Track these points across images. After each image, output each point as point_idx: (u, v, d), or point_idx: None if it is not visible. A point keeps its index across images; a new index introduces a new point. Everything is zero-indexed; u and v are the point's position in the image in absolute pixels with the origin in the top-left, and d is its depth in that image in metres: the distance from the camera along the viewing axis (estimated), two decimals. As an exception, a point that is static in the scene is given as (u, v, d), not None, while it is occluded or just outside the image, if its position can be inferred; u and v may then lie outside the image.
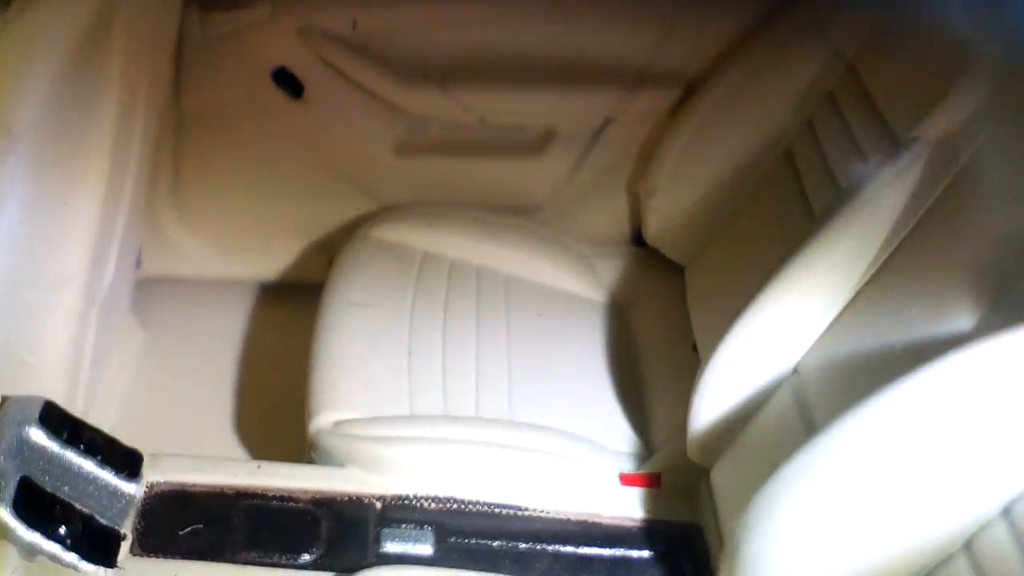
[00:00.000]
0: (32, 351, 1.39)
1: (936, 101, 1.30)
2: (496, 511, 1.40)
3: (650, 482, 1.46)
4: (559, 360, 1.64)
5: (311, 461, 1.45)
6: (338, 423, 1.44)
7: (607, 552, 1.38)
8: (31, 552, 1.24)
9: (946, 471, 1.05)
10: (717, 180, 1.69)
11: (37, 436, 1.29)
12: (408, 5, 1.78)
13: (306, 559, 1.31)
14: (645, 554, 1.39)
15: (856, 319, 1.28)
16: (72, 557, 1.25)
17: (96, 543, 1.28)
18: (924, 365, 1.06)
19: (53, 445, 1.30)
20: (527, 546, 1.37)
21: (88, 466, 1.32)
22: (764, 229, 1.60)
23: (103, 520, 1.30)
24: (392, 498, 1.39)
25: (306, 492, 1.38)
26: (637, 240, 1.89)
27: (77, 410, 1.42)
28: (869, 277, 1.28)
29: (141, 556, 1.30)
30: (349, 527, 1.35)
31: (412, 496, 1.39)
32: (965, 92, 1.28)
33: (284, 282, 1.98)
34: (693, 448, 1.40)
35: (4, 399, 1.32)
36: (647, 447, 1.52)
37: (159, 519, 1.33)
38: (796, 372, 1.33)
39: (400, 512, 1.38)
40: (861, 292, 1.29)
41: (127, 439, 1.39)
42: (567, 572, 1.34)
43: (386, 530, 1.35)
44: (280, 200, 1.92)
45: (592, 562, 1.37)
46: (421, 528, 1.36)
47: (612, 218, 1.90)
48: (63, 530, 1.26)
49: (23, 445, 1.28)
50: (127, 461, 1.37)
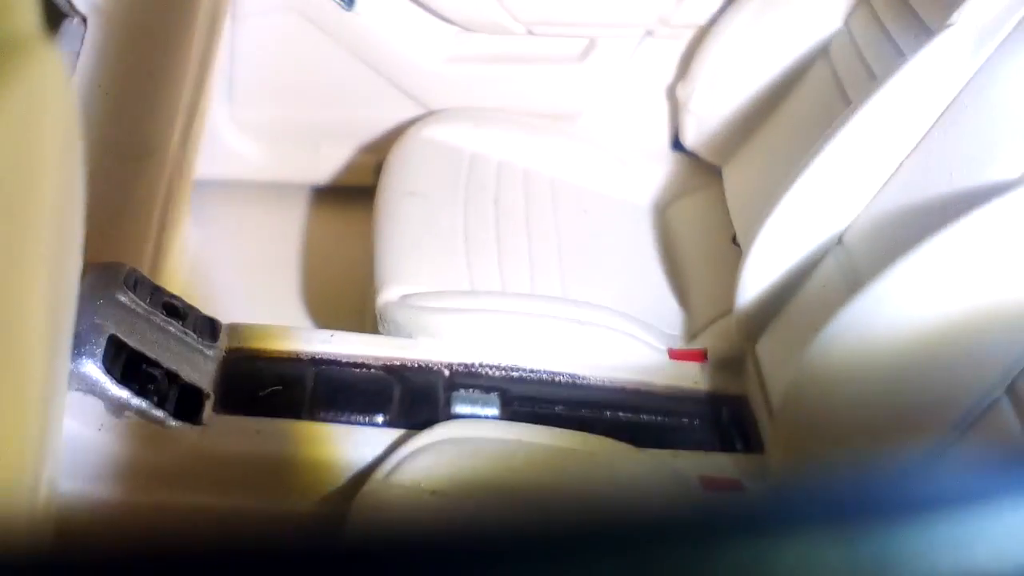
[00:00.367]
0: (110, 219, 1.44)
1: None
2: (555, 379, 1.48)
3: (697, 356, 1.54)
4: (605, 251, 1.72)
5: (377, 334, 1.52)
6: (405, 296, 1.51)
7: (660, 419, 1.46)
8: (119, 408, 1.29)
9: (989, 313, 1.11)
10: (754, 83, 1.76)
11: (123, 298, 1.34)
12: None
13: (381, 419, 1.38)
14: (695, 421, 1.47)
15: (901, 187, 1.34)
16: (160, 413, 1.30)
17: (182, 400, 1.33)
18: (965, 212, 1.13)
19: (138, 307, 1.36)
20: (586, 411, 1.45)
21: (172, 328, 1.37)
22: (802, 125, 1.67)
23: (188, 379, 1.36)
24: (459, 366, 1.46)
25: (377, 359, 1.45)
26: (674, 145, 1.96)
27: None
28: (911, 149, 1.36)
29: (224, 414, 1.36)
30: (420, 392, 1.42)
31: (477, 364, 1.46)
32: None
33: (334, 185, 2.04)
34: (739, 323, 1.48)
35: (88, 265, 1.37)
36: (691, 329, 1.60)
37: (238, 381, 1.39)
38: (841, 243, 1.40)
39: (467, 379, 1.45)
40: (904, 162, 1.35)
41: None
42: (624, 434, 1.41)
43: (455, 394, 1.42)
44: (330, 106, 1.97)
45: (646, 427, 1.45)
46: (487, 393, 1.44)
47: (650, 124, 1.97)
48: (151, 387, 1.31)
49: (110, 305, 1.33)
50: (206, 326, 1.43)
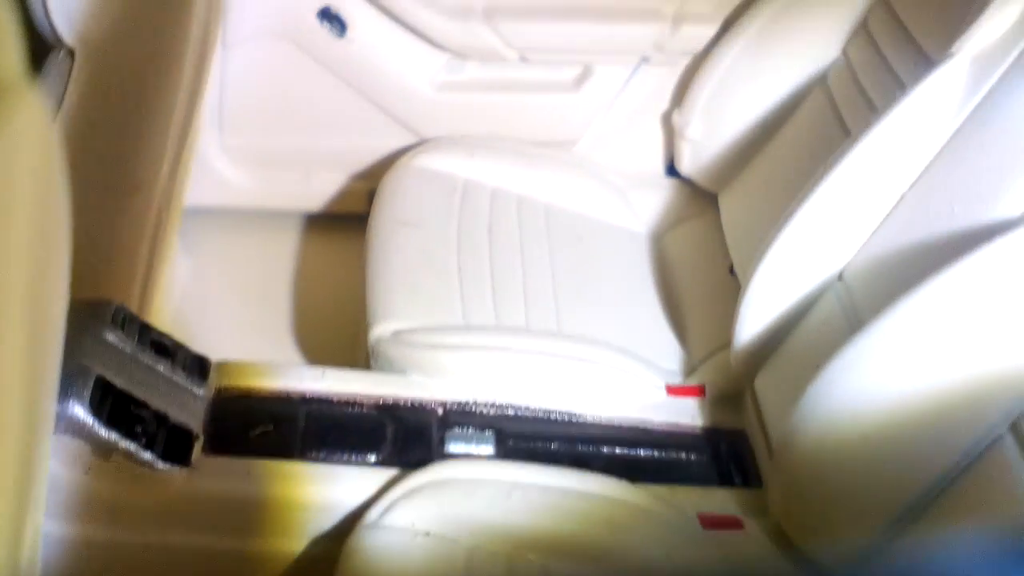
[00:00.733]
0: (98, 254, 1.42)
1: (971, 21, 1.35)
2: (551, 416, 1.45)
3: (695, 392, 1.52)
4: (600, 281, 1.70)
5: (370, 369, 1.50)
6: (397, 332, 1.49)
7: (657, 455, 1.44)
8: (107, 450, 1.27)
9: (992, 353, 1.10)
10: (751, 111, 1.75)
11: (111, 337, 1.32)
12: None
13: (373, 459, 1.35)
14: (693, 457, 1.45)
15: (901, 222, 1.33)
16: (148, 455, 1.28)
17: (171, 442, 1.30)
18: (969, 251, 1.12)
19: (126, 346, 1.33)
20: (583, 448, 1.42)
21: (160, 367, 1.35)
22: (800, 153, 1.66)
23: (176, 420, 1.33)
24: (452, 404, 1.43)
25: (369, 397, 1.42)
26: (670, 171, 1.95)
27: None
28: (912, 182, 1.34)
29: (213, 455, 1.33)
30: (413, 431, 1.39)
31: (472, 402, 1.44)
32: (1000, 10, 1.34)
33: (325, 213, 2.02)
34: (737, 358, 1.46)
35: (74, 303, 1.35)
36: (689, 362, 1.58)
37: (228, 421, 1.37)
38: (841, 278, 1.38)
39: (461, 417, 1.43)
40: (905, 197, 1.34)
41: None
42: (621, 470, 1.39)
43: (449, 432, 1.40)
44: (321, 134, 1.95)
45: (643, 464, 1.43)
46: (482, 431, 1.41)
47: (646, 151, 1.95)
48: (138, 428, 1.28)
49: (98, 345, 1.30)
50: (195, 365, 1.40)
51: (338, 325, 1.79)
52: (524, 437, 1.42)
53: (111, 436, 1.25)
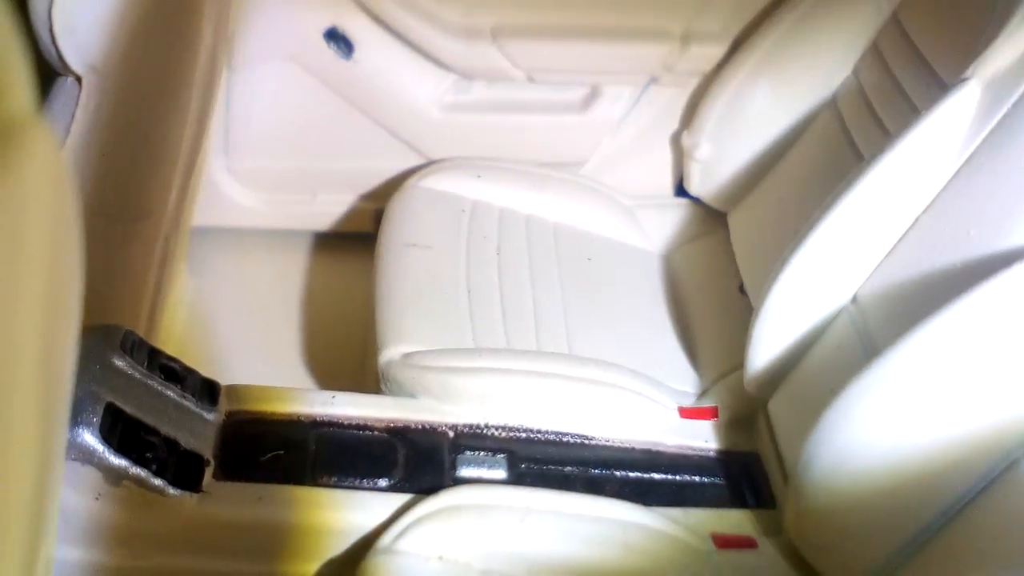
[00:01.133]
0: (107, 281, 1.41)
1: (985, 44, 1.35)
2: (564, 440, 1.44)
3: (708, 415, 1.51)
4: (611, 301, 1.70)
5: (381, 392, 1.49)
6: (407, 355, 1.48)
7: (671, 478, 1.43)
8: (117, 477, 1.26)
9: (1009, 379, 1.09)
10: (761, 132, 1.74)
11: (120, 363, 1.31)
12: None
13: (385, 483, 1.34)
14: (706, 479, 1.44)
15: (915, 245, 1.32)
16: (159, 481, 1.27)
17: (181, 468, 1.30)
18: (988, 278, 1.11)
19: (135, 372, 1.33)
20: (596, 471, 1.41)
21: (170, 393, 1.34)
22: (810, 174, 1.65)
23: (187, 445, 1.33)
24: (464, 427, 1.43)
25: (380, 421, 1.41)
26: (679, 191, 1.94)
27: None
28: (926, 206, 1.33)
29: (224, 481, 1.32)
30: (425, 454, 1.38)
31: (483, 425, 1.43)
32: (1015, 33, 1.33)
33: (331, 232, 2.01)
34: (750, 381, 1.45)
35: (83, 328, 1.34)
36: (701, 384, 1.58)
37: (239, 446, 1.36)
38: (855, 301, 1.38)
39: (472, 440, 1.42)
40: (919, 220, 1.33)
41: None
42: (635, 494, 1.39)
43: (460, 456, 1.39)
44: (328, 155, 1.95)
45: (657, 486, 1.42)
46: (494, 455, 1.40)
47: (655, 172, 1.95)
48: (149, 455, 1.28)
49: (107, 372, 1.30)
50: (205, 389, 1.39)
51: (347, 345, 1.78)
52: (536, 460, 1.41)
53: (122, 463, 1.25)
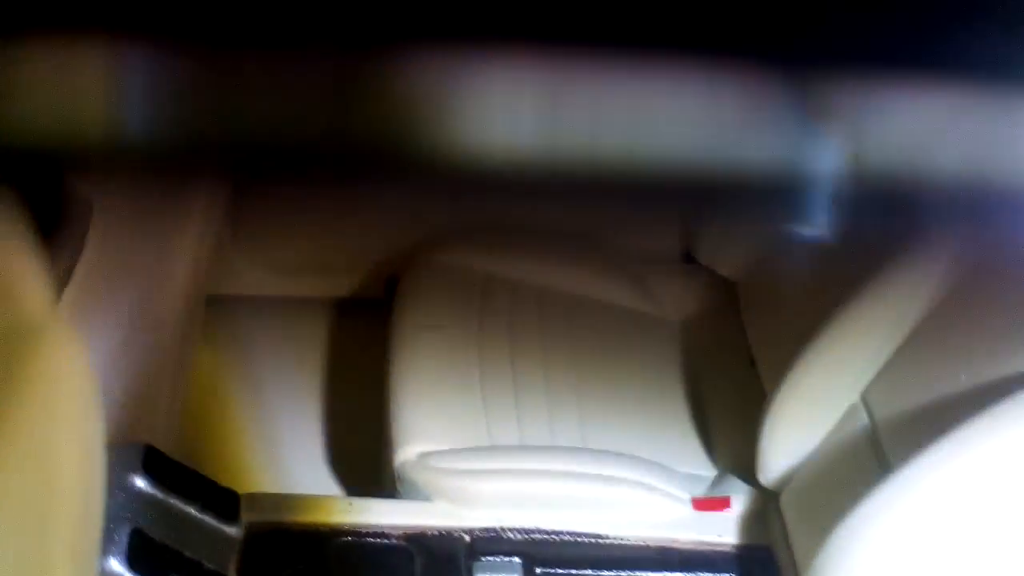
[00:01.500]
0: (128, 394, 1.43)
1: None
2: (578, 540, 1.46)
3: (721, 505, 1.53)
4: (623, 378, 1.70)
5: (396, 491, 1.51)
6: (423, 455, 1.49)
7: (685, 575, 1.46)
8: (147, 608, 1.29)
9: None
10: None
11: (143, 484, 1.33)
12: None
13: (404, 597, 1.37)
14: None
15: (919, 352, 1.34)
16: (187, 608, 1.30)
17: (205, 588, 1.33)
18: (992, 403, 1.12)
19: (158, 493, 1.34)
20: (611, 573, 1.44)
21: (192, 512, 1.37)
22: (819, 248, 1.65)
23: (210, 566, 1.35)
24: (480, 531, 1.45)
25: (396, 528, 1.44)
26: (687, 257, 1.94)
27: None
28: (930, 312, 1.34)
29: (248, 600, 1.36)
30: (442, 562, 1.41)
31: (499, 528, 1.45)
32: None
33: (342, 299, 2.02)
34: (762, 474, 1.47)
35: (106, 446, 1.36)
36: (714, 466, 1.59)
37: (260, 559, 1.39)
38: (863, 401, 1.39)
39: (488, 544, 1.44)
40: (922, 326, 1.34)
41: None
42: (650, 597, 1.41)
43: (477, 563, 1.42)
44: (335, 224, 1.95)
45: (672, 586, 1.45)
46: (509, 560, 1.43)
47: (663, 238, 1.94)
48: (173, 577, 1.31)
49: (131, 494, 1.32)
50: (225, 502, 1.41)
51: (363, 419, 1.78)
52: (551, 563, 1.44)
53: (149, 590, 1.28)
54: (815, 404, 1.42)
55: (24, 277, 0.78)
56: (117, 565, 1.25)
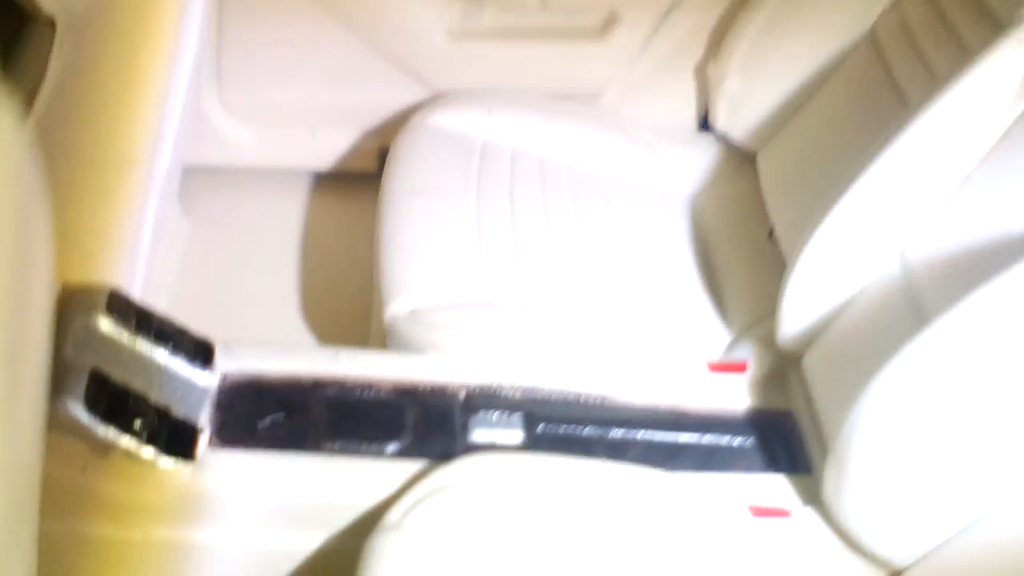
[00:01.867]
0: (92, 235, 1.31)
1: None
2: (584, 399, 1.35)
3: (737, 368, 1.41)
4: (631, 249, 1.59)
5: (386, 348, 1.40)
6: (415, 310, 1.39)
7: (699, 439, 1.34)
8: (104, 448, 1.17)
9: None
10: (794, 66, 1.62)
11: (105, 325, 1.21)
12: None
13: (393, 448, 1.25)
14: (737, 441, 1.35)
15: (971, 200, 1.22)
16: (149, 451, 1.17)
17: (173, 436, 1.20)
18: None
19: (122, 334, 1.23)
20: (618, 433, 1.32)
21: (159, 356, 1.24)
22: (847, 113, 1.54)
23: (179, 412, 1.23)
24: (476, 387, 1.33)
25: (387, 380, 1.31)
26: (703, 126, 1.82)
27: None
28: (982, 156, 1.22)
29: (220, 448, 1.23)
30: (435, 416, 1.29)
31: (496, 384, 1.34)
32: None
33: (332, 172, 1.90)
34: (783, 335, 1.36)
35: (65, 286, 1.24)
36: (729, 334, 1.48)
37: (236, 410, 1.27)
38: (902, 256, 1.27)
39: (485, 400, 1.32)
40: (974, 173, 1.23)
41: (183, 329, 1.32)
42: (660, 458, 1.29)
43: (473, 418, 1.30)
44: (327, 88, 1.83)
45: (684, 449, 1.32)
46: (509, 416, 1.31)
47: (677, 104, 1.83)
48: (138, 424, 1.18)
49: (91, 335, 1.20)
50: (198, 350, 1.29)
51: (350, 297, 1.68)
52: (554, 421, 1.32)
53: (108, 433, 1.16)
54: (845, 259, 1.30)
55: None
56: (74, 407, 1.14)
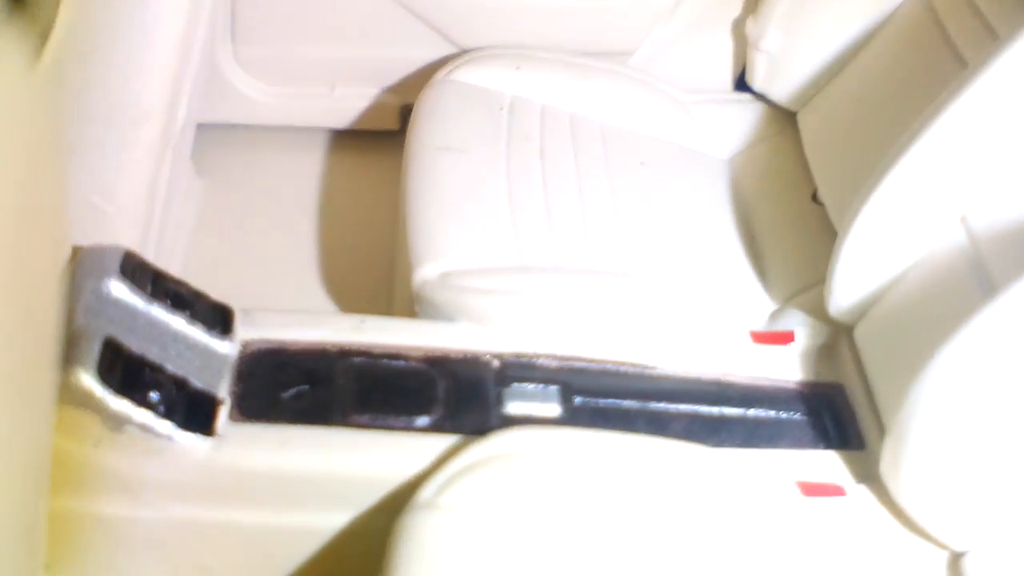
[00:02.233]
0: (104, 194, 1.23)
1: None
2: (623, 370, 1.28)
3: (784, 339, 1.34)
4: (668, 211, 1.52)
5: (414, 315, 1.33)
6: (445, 274, 1.31)
7: (745, 413, 1.27)
8: (118, 422, 1.10)
9: None
10: (838, 21, 1.54)
11: (118, 290, 1.14)
12: None
13: (424, 422, 1.18)
14: (785, 415, 1.28)
15: None
16: (166, 426, 1.10)
17: (192, 409, 1.13)
18: None
19: (137, 300, 1.15)
20: (660, 406, 1.25)
21: (177, 323, 1.17)
22: (896, 71, 1.46)
23: (198, 383, 1.16)
24: (510, 356, 1.26)
25: (417, 349, 1.24)
26: (739, 85, 1.74)
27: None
28: None
29: (241, 422, 1.15)
30: (467, 387, 1.22)
31: (532, 354, 1.27)
32: None
33: (352, 130, 1.83)
34: (836, 305, 1.28)
35: (76, 250, 1.17)
36: (773, 303, 1.41)
37: (258, 381, 1.19)
38: (965, 223, 1.20)
39: (520, 371, 1.25)
40: None
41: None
42: (705, 432, 1.23)
43: (507, 390, 1.23)
44: (346, 43, 1.75)
45: (730, 423, 1.25)
46: (545, 387, 1.24)
47: (712, 62, 1.75)
48: (154, 396, 1.11)
49: (104, 301, 1.12)
50: (218, 317, 1.22)
51: (372, 261, 1.61)
52: (593, 393, 1.25)
53: (123, 406, 1.08)
54: (903, 225, 1.23)
55: None
56: (86, 378, 1.06)
